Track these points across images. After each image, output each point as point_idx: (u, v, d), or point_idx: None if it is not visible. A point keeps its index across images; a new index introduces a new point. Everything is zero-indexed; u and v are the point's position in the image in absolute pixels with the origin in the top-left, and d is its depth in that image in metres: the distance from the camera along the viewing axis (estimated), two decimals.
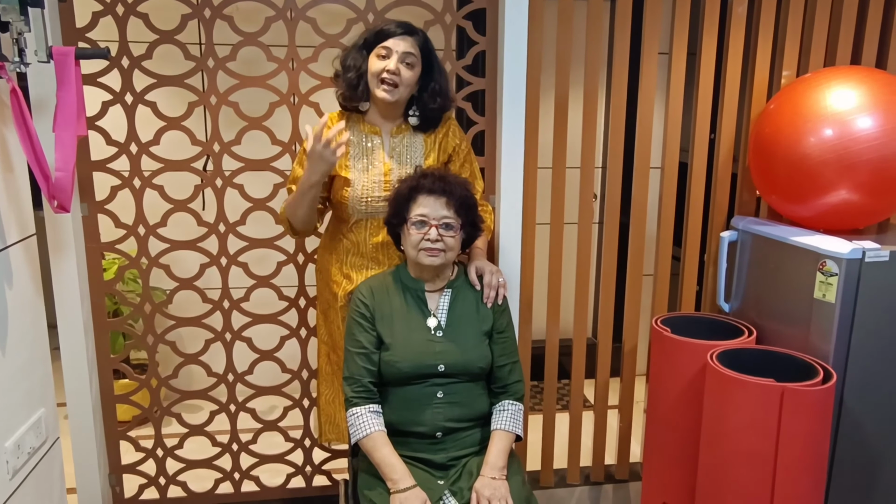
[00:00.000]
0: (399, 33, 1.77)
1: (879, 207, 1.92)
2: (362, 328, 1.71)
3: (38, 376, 1.56)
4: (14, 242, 1.47)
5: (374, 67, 1.77)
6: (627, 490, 2.53)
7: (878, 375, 1.88)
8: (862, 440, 1.91)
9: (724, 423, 1.78)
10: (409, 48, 1.77)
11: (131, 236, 2.13)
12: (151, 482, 2.31)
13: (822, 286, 1.86)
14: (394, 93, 1.77)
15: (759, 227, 2.13)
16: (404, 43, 1.77)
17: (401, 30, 1.78)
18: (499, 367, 1.76)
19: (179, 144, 2.12)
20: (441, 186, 1.66)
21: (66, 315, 2.05)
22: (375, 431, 1.65)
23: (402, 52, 1.76)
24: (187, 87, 2.06)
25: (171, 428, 2.46)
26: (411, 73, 1.78)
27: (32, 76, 1.85)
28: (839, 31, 2.20)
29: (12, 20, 1.38)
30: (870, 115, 1.82)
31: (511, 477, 1.65)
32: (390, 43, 1.76)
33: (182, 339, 2.55)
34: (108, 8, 1.98)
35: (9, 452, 1.41)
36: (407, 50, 1.77)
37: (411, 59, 1.77)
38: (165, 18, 2.03)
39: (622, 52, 2.21)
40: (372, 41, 1.79)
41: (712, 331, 2.10)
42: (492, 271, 1.78)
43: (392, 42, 1.76)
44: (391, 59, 1.76)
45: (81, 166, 2.02)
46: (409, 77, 1.78)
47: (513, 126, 2.14)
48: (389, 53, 1.76)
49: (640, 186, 2.31)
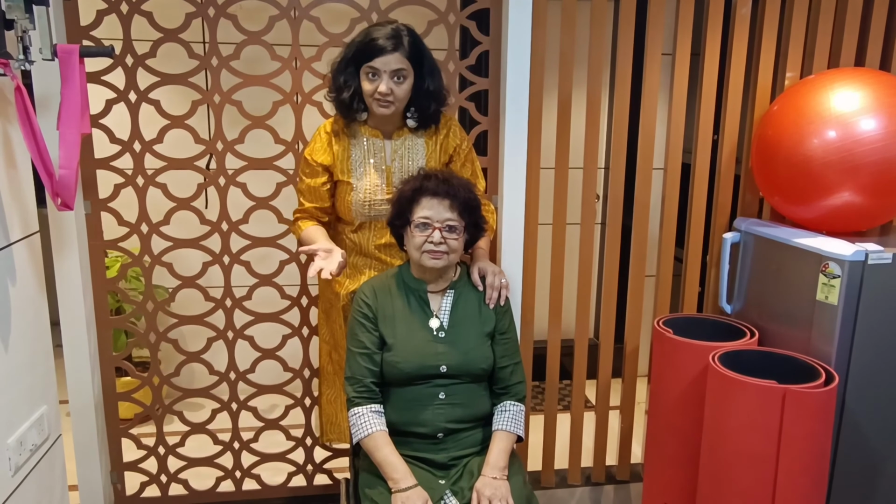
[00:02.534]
0: (386, 50, 1.70)
1: (882, 209, 1.92)
2: (364, 328, 1.71)
3: (40, 373, 1.56)
4: (17, 240, 1.47)
5: (366, 88, 1.74)
6: (628, 491, 2.53)
7: (880, 377, 1.88)
8: (863, 442, 1.91)
9: (726, 424, 1.78)
10: (398, 64, 1.71)
11: (134, 234, 2.13)
12: (153, 480, 2.31)
13: (824, 288, 1.86)
14: (391, 107, 1.75)
15: (762, 228, 2.12)
16: (392, 59, 1.70)
17: (389, 45, 1.70)
18: (500, 368, 1.75)
19: (183, 143, 2.12)
20: (445, 189, 1.66)
21: (69, 312, 2.05)
22: (377, 431, 1.65)
23: (391, 70, 1.71)
24: (191, 86, 2.07)
25: (173, 426, 2.47)
26: (403, 87, 1.74)
27: (37, 74, 1.86)
28: (843, 33, 2.20)
29: (17, 18, 1.39)
30: (873, 117, 1.82)
31: (512, 477, 1.65)
32: (378, 63, 1.70)
33: (184, 337, 2.55)
34: (113, 6, 1.98)
35: (11, 449, 1.41)
36: (396, 67, 1.71)
37: (402, 74, 1.73)
38: (169, 17, 2.03)
39: (625, 53, 2.21)
40: (360, 57, 1.73)
41: (714, 332, 2.11)
42: (494, 272, 1.78)
43: (380, 62, 1.70)
44: (381, 79, 1.71)
45: (85, 164, 2.03)
46: (402, 91, 1.75)
47: (516, 126, 2.14)
48: (378, 73, 1.72)
49: (643, 187, 2.31)
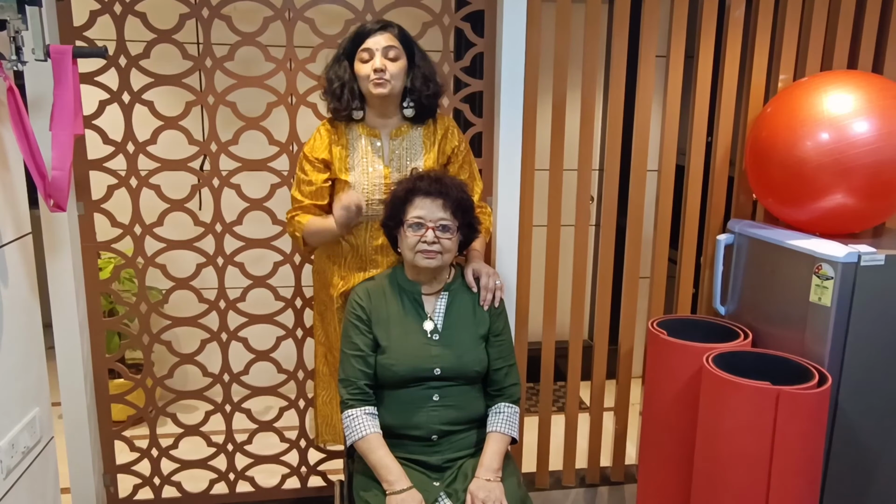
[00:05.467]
0: (375, 30, 1.79)
1: (875, 211, 1.93)
2: (358, 331, 1.71)
3: (32, 375, 1.56)
4: (9, 241, 1.46)
5: (361, 72, 1.80)
6: (623, 492, 2.53)
7: (873, 379, 1.88)
8: (857, 443, 1.92)
9: (720, 425, 1.78)
10: (389, 41, 1.78)
11: (127, 235, 2.13)
12: (146, 482, 2.30)
13: (817, 290, 1.86)
14: (387, 86, 1.78)
15: (756, 230, 2.13)
16: (382, 38, 1.78)
17: (376, 26, 1.80)
18: (495, 370, 1.75)
19: (176, 144, 2.12)
20: (437, 188, 1.66)
21: (62, 314, 2.04)
22: (371, 433, 1.65)
23: (382, 47, 1.78)
24: (185, 87, 2.06)
25: (166, 428, 2.46)
26: (397, 64, 1.79)
27: (29, 74, 1.85)
28: (836, 36, 2.21)
29: (10, 18, 1.38)
30: (866, 120, 1.82)
31: (506, 479, 1.65)
32: (370, 43, 1.78)
33: (178, 338, 2.55)
34: (106, 7, 1.97)
35: (3, 452, 1.40)
36: (387, 44, 1.78)
37: (394, 52, 1.79)
38: (163, 18, 2.02)
39: (620, 55, 2.22)
40: (351, 48, 1.81)
41: (708, 334, 2.11)
42: (489, 274, 1.78)
43: (371, 41, 1.78)
44: (375, 57, 1.77)
45: (78, 165, 2.02)
46: (397, 68, 1.79)
47: (510, 128, 2.14)
48: (371, 53, 1.78)
49: (637, 189, 2.32)
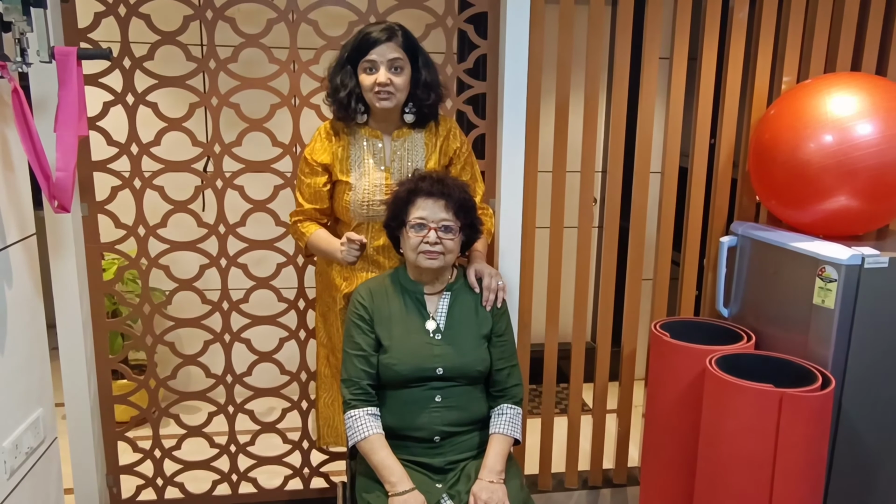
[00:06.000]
0: (381, 41, 1.73)
1: (879, 214, 1.93)
2: (361, 330, 1.71)
3: (36, 376, 1.56)
4: (14, 242, 1.47)
5: (365, 83, 1.76)
6: (625, 494, 2.53)
7: (877, 381, 1.88)
8: (860, 446, 1.91)
9: (723, 428, 1.78)
10: (394, 53, 1.74)
11: (131, 237, 2.13)
12: (149, 483, 2.30)
13: (821, 292, 1.86)
14: (392, 99, 1.76)
15: (759, 232, 2.13)
16: (387, 49, 1.74)
17: (383, 36, 1.74)
18: (497, 371, 1.75)
19: (180, 145, 2.12)
20: (439, 189, 1.66)
21: (65, 315, 2.05)
22: (373, 434, 1.65)
23: (387, 60, 1.74)
24: (189, 89, 2.07)
25: (169, 429, 2.46)
26: (402, 77, 1.76)
27: (34, 76, 1.86)
28: (839, 38, 2.21)
29: (15, 20, 1.39)
30: (870, 122, 1.82)
31: (509, 480, 1.65)
32: (374, 55, 1.74)
33: (181, 339, 2.55)
34: (111, 9, 1.98)
35: (6, 452, 1.41)
36: (392, 56, 1.74)
37: (399, 64, 1.75)
38: (167, 19, 2.03)
39: (623, 57, 2.22)
40: (355, 55, 1.77)
41: (711, 336, 2.11)
42: (491, 274, 1.78)
43: (376, 53, 1.73)
44: (379, 70, 1.74)
45: (82, 166, 2.02)
46: (401, 82, 1.76)
47: (513, 130, 2.14)
48: (375, 65, 1.74)
49: (640, 191, 2.31)
